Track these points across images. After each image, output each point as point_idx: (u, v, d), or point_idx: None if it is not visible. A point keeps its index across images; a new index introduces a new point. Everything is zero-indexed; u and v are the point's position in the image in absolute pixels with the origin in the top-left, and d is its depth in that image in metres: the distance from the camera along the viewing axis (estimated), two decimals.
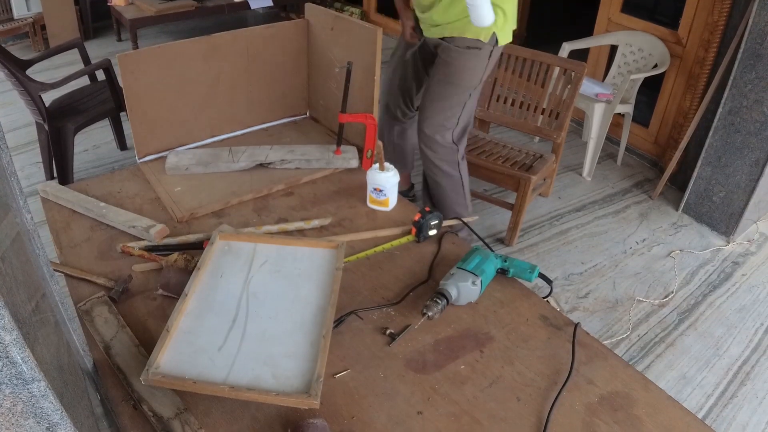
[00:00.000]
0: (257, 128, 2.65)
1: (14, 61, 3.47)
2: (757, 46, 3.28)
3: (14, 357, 0.73)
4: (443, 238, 2.02)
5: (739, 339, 3.01)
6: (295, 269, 1.73)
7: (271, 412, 1.39)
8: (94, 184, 2.23)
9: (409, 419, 1.40)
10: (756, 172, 3.48)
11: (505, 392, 1.48)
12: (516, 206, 3.35)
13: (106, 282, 1.74)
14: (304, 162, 2.34)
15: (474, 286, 1.68)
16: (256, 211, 2.14)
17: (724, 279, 3.43)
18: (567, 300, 3.20)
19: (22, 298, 1.01)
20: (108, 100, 3.88)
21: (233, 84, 2.47)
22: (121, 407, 1.40)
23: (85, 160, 4.27)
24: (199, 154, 2.34)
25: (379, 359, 1.55)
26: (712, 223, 3.84)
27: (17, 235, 1.09)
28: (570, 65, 3.28)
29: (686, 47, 4.10)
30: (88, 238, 1.96)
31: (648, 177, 4.43)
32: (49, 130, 3.60)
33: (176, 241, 1.93)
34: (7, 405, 0.76)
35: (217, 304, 1.59)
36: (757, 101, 3.35)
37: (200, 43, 2.31)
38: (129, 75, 2.18)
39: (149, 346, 1.49)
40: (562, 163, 4.41)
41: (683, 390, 2.72)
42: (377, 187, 2.12)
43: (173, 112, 2.37)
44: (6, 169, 1.09)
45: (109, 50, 6.33)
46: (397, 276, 1.85)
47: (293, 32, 2.54)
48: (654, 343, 2.96)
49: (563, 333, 1.66)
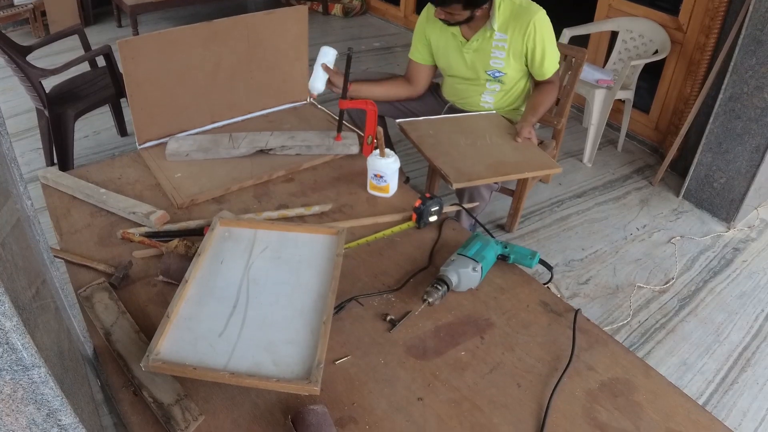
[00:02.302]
0: (258, 114, 2.65)
1: (14, 47, 3.46)
2: (758, 32, 3.27)
3: (14, 343, 0.72)
4: (444, 225, 2.02)
5: (740, 325, 3.02)
6: (296, 255, 1.73)
7: (272, 398, 1.40)
8: (94, 170, 2.23)
9: (410, 405, 1.40)
10: (757, 158, 3.48)
11: (505, 378, 1.48)
12: (516, 192, 3.34)
13: (107, 268, 1.74)
14: (304, 148, 2.34)
15: (474, 272, 1.68)
16: (257, 197, 2.14)
17: (725, 265, 3.43)
18: (567, 286, 3.20)
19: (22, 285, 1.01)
20: (108, 86, 3.87)
21: (234, 70, 2.46)
22: (121, 393, 1.40)
23: (86, 146, 4.27)
24: (199, 140, 2.34)
25: (380, 345, 1.55)
26: (712, 209, 3.83)
27: (17, 222, 1.09)
28: (570, 51, 3.26)
29: (687, 33, 4.09)
30: (88, 224, 1.96)
31: (648, 163, 4.42)
32: (49, 116, 3.59)
33: (176, 227, 1.93)
34: (7, 391, 0.76)
35: (217, 291, 1.59)
36: (757, 87, 3.34)
37: (201, 29, 2.30)
38: (129, 61, 2.17)
39: (149, 332, 1.50)
40: (562, 149, 4.40)
41: (684, 376, 2.72)
42: (378, 173, 2.12)
43: (173, 98, 2.36)
44: (6, 155, 1.09)
45: (110, 36, 6.32)
46: (398, 262, 1.85)
47: (294, 18, 2.52)
48: (654, 330, 2.96)
49: (564, 319, 1.66)
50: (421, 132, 2.68)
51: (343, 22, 7.17)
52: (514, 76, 2.93)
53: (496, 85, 2.96)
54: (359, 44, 6.43)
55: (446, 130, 2.71)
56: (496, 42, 2.82)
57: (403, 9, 6.91)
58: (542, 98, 2.89)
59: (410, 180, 3.92)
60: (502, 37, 2.80)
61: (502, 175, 2.48)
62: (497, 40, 2.82)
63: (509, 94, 3.02)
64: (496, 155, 2.56)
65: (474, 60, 2.91)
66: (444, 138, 2.65)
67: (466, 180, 2.40)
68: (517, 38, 2.78)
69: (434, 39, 2.98)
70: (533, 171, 2.55)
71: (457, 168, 2.45)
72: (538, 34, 2.76)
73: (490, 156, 2.55)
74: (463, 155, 2.53)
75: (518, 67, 2.90)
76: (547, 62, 2.85)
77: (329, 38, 6.56)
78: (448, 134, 2.68)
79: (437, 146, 2.59)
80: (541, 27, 2.76)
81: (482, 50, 2.86)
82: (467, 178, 2.41)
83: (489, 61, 2.88)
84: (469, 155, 2.54)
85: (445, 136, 2.67)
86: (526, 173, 2.55)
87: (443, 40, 2.95)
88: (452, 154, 2.53)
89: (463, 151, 2.57)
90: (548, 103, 2.91)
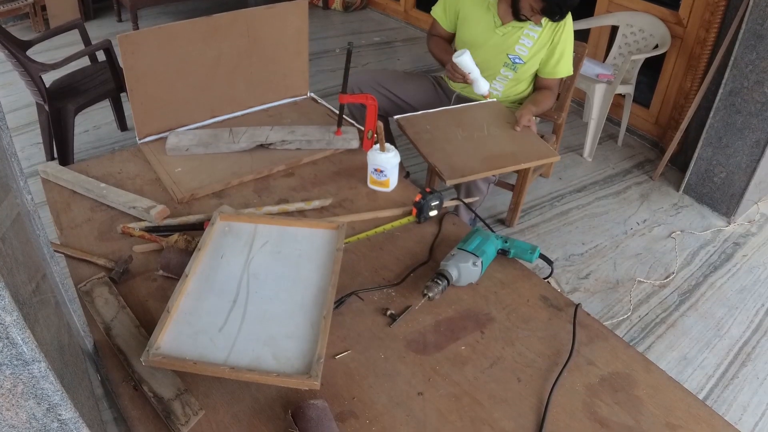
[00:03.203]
0: (258, 109, 2.64)
1: (14, 42, 3.45)
2: (758, 27, 3.26)
3: (15, 338, 0.72)
4: (444, 219, 2.02)
5: (740, 320, 3.02)
6: (296, 250, 1.73)
7: (272, 393, 1.40)
8: (94, 164, 2.23)
9: (410, 400, 1.40)
10: (757, 153, 3.47)
11: (505, 373, 1.48)
12: (517, 187, 3.35)
13: (107, 263, 1.74)
14: (304, 143, 2.34)
15: (475, 266, 1.68)
16: (257, 191, 2.13)
17: (725, 260, 3.43)
18: (568, 281, 3.20)
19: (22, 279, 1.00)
20: (108, 80, 3.86)
21: (234, 64, 2.46)
22: (121, 388, 1.40)
23: (86, 141, 4.27)
24: (199, 135, 2.33)
25: (380, 340, 1.56)
26: (713, 204, 3.84)
27: (17, 216, 1.09)
28: None
29: (687, 28, 4.08)
30: (88, 219, 1.96)
31: (649, 158, 4.42)
32: (49, 110, 3.59)
33: (177, 222, 1.93)
34: (7, 386, 0.76)
35: (217, 285, 1.59)
36: (758, 82, 3.34)
37: (201, 24, 2.30)
38: (129, 56, 2.17)
39: (150, 326, 1.50)
40: (562, 143, 4.40)
41: (684, 371, 2.73)
42: (378, 167, 2.11)
43: (174, 92, 2.35)
44: (6, 150, 1.08)
45: (110, 31, 6.30)
46: (398, 257, 1.85)
47: (294, 12, 2.52)
48: (655, 324, 2.96)
49: (564, 314, 1.66)
50: (418, 128, 2.68)
51: (343, 16, 7.16)
52: (530, 69, 2.99)
53: (509, 73, 2.99)
54: (359, 39, 6.41)
55: (443, 125, 2.71)
56: (528, 30, 2.88)
57: (403, 3, 6.89)
58: (542, 98, 2.96)
59: (410, 175, 3.93)
60: (535, 28, 2.87)
61: (496, 168, 2.49)
62: (530, 29, 2.88)
63: (517, 85, 3.05)
64: (492, 148, 2.56)
65: (501, 43, 2.94)
66: (440, 133, 2.65)
67: (460, 176, 2.41)
68: (548, 31, 2.87)
69: (465, 9, 3.00)
70: (530, 161, 2.56)
71: (451, 164, 2.45)
72: (566, 32, 2.87)
73: (486, 149, 2.56)
74: (458, 150, 2.54)
75: (537, 61, 2.96)
76: (563, 63, 2.94)
77: (329, 33, 6.55)
78: (444, 128, 2.68)
79: (433, 142, 2.59)
80: (569, 28, 2.88)
81: (512, 35, 2.91)
82: (461, 173, 2.41)
83: (515, 46, 2.92)
84: (464, 149, 2.54)
85: (442, 130, 2.67)
86: (522, 164, 2.55)
87: (476, 13, 2.97)
88: (447, 150, 2.53)
89: (458, 145, 2.57)
90: (546, 106, 2.99)
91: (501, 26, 2.89)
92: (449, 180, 2.39)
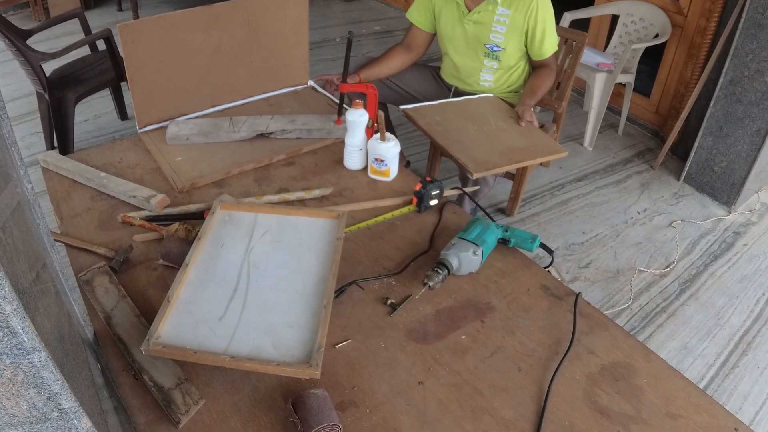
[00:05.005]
0: (258, 98, 2.64)
1: (15, 31, 3.44)
2: (759, 16, 3.25)
3: (15, 327, 0.72)
4: (444, 208, 2.02)
5: (741, 309, 3.02)
6: (296, 239, 1.73)
7: (272, 382, 1.40)
8: (94, 153, 2.23)
9: (410, 389, 1.41)
10: (757, 142, 3.47)
11: (506, 362, 1.49)
12: (517, 176, 3.34)
13: (107, 252, 1.74)
14: (305, 132, 2.33)
15: (475, 256, 1.68)
16: (257, 181, 2.13)
17: (726, 249, 3.43)
18: (568, 270, 3.21)
19: (22, 268, 1.00)
20: (109, 69, 3.86)
21: (234, 54, 2.45)
22: (121, 377, 1.41)
23: (86, 130, 4.26)
24: (199, 124, 2.33)
25: (380, 329, 1.56)
26: (713, 193, 3.83)
27: (18, 205, 1.09)
28: (571, 35, 3.25)
29: (687, 17, 4.06)
30: (88, 208, 1.96)
31: (649, 147, 4.41)
32: (49, 99, 3.58)
33: (177, 211, 1.93)
34: (7, 375, 0.76)
35: (217, 274, 1.59)
36: (758, 71, 3.33)
37: (201, 13, 2.29)
38: (129, 45, 2.17)
39: (150, 316, 1.50)
40: (563, 133, 4.39)
41: (684, 360, 2.73)
42: (378, 157, 2.11)
43: (174, 81, 2.35)
44: (6, 139, 1.08)
45: (110, 20, 6.28)
46: (398, 246, 1.85)
47: (294, 1, 2.51)
48: (655, 313, 2.97)
49: (564, 303, 1.66)
50: (428, 119, 2.68)
51: (343, 5, 7.14)
52: (513, 54, 2.94)
53: (493, 62, 2.96)
54: (359, 28, 6.39)
55: (451, 116, 2.71)
56: (497, 16, 2.83)
57: None
58: (540, 82, 2.90)
59: (411, 164, 3.92)
60: (504, 12, 2.81)
61: (515, 162, 2.49)
62: (499, 15, 2.83)
63: (508, 74, 3.03)
64: (505, 141, 2.56)
65: (474, 32, 2.91)
66: (451, 125, 2.64)
67: (484, 169, 2.40)
68: (519, 15, 2.80)
69: (437, 4, 2.98)
70: (543, 156, 2.56)
71: (473, 157, 2.45)
72: (540, 12, 2.79)
73: (500, 142, 2.55)
74: (474, 143, 2.53)
75: (517, 46, 2.91)
76: (547, 42, 2.87)
77: (330, 22, 6.53)
78: (454, 120, 2.68)
79: (446, 134, 2.58)
80: (543, 6, 2.79)
81: (483, 23, 2.87)
82: (485, 167, 2.41)
83: (489, 34, 2.89)
84: (480, 143, 2.54)
85: (452, 122, 2.66)
86: (538, 159, 2.55)
87: (447, 8, 2.95)
88: (464, 142, 2.53)
89: (473, 137, 2.56)
90: (546, 87, 2.93)
91: (468, 14, 2.87)
92: (476, 173, 2.38)
